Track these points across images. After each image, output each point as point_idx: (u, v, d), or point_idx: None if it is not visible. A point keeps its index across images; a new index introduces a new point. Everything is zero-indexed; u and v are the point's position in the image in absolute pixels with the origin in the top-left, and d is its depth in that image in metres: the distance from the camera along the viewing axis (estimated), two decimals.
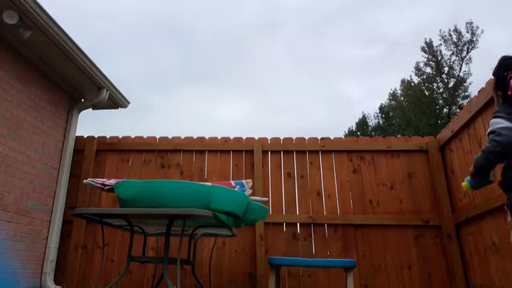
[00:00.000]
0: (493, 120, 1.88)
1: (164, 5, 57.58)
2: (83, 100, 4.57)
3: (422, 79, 27.43)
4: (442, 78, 26.54)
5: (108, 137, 4.59)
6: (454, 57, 26.17)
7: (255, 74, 54.10)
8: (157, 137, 4.56)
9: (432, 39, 26.96)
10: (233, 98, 60.04)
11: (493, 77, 2.08)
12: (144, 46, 56.76)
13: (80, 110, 4.59)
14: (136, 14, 55.56)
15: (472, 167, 2.01)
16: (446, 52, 26.42)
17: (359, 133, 31.97)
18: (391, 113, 31.25)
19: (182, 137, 4.57)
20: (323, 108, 51.48)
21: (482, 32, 25.28)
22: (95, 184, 2.99)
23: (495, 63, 2.06)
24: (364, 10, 45.99)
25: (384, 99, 35.68)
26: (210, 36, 54.63)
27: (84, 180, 3.14)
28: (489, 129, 1.88)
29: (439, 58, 26.61)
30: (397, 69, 47.54)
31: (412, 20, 40.99)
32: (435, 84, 26.88)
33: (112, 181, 2.97)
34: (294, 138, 4.47)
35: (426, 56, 27.12)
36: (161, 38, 58.32)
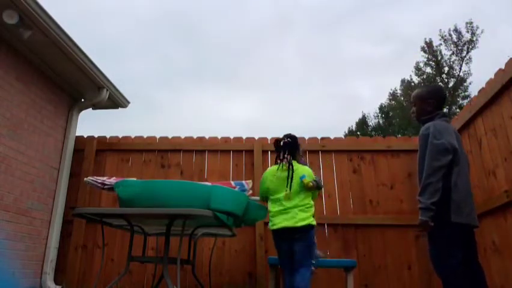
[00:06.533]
0: None
1: (174, 3, 57.48)
2: (83, 100, 4.57)
3: (422, 79, 27.42)
4: (442, 78, 26.54)
5: (108, 136, 4.59)
6: (454, 57, 26.18)
7: (264, 73, 53.92)
8: (157, 136, 4.56)
9: (433, 39, 26.98)
10: (240, 97, 59.97)
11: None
12: (152, 44, 56.65)
13: (80, 110, 4.59)
14: (144, 12, 55.45)
15: None
16: (446, 52, 26.44)
17: (359, 133, 31.94)
18: (391, 113, 31.23)
19: (182, 136, 4.57)
20: (331, 108, 51.32)
21: (482, 32, 25.28)
22: (95, 183, 2.99)
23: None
24: (376, 9, 45.78)
25: (384, 99, 35.61)
26: (219, 35, 54.53)
27: (85, 179, 3.14)
28: None
29: (439, 58, 26.61)
30: (408, 69, 47.31)
31: (427, 19, 40.73)
32: None
33: (112, 180, 2.97)
34: None
35: (426, 56, 27.14)
36: (170, 36, 58.24)
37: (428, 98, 2.46)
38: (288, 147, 2.79)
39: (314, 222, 2.66)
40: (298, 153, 2.89)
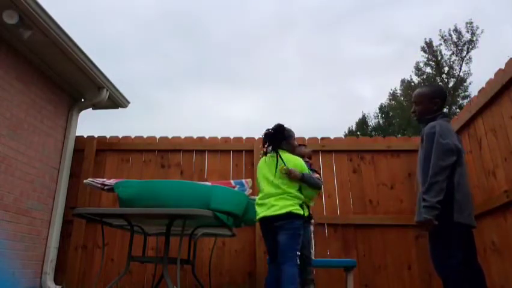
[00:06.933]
0: None
1: (174, 3, 57.37)
2: (83, 100, 4.57)
3: (422, 79, 27.40)
4: (442, 78, 26.53)
5: (108, 136, 4.59)
6: (454, 57, 26.18)
7: (265, 73, 53.79)
8: (157, 136, 4.56)
9: (433, 39, 26.97)
10: (240, 97, 59.84)
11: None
12: (152, 44, 56.51)
13: (80, 110, 4.59)
14: (144, 11, 55.34)
15: None
16: (446, 52, 26.43)
17: (359, 133, 31.93)
18: (391, 113, 31.23)
19: (182, 136, 4.57)
20: (331, 108, 51.15)
21: (482, 32, 25.28)
22: (95, 184, 2.99)
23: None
24: (376, 9, 45.66)
25: (384, 99, 35.57)
26: (220, 35, 54.45)
27: (84, 180, 3.15)
28: None
29: (439, 58, 26.61)
30: (408, 69, 47.19)
31: (427, 19, 40.66)
32: None
33: (112, 181, 2.97)
34: None
35: (426, 56, 27.14)
36: (170, 36, 58.12)
37: (434, 97, 2.43)
38: (268, 138, 2.73)
39: (299, 211, 2.51)
40: (287, 143, 2.78)
